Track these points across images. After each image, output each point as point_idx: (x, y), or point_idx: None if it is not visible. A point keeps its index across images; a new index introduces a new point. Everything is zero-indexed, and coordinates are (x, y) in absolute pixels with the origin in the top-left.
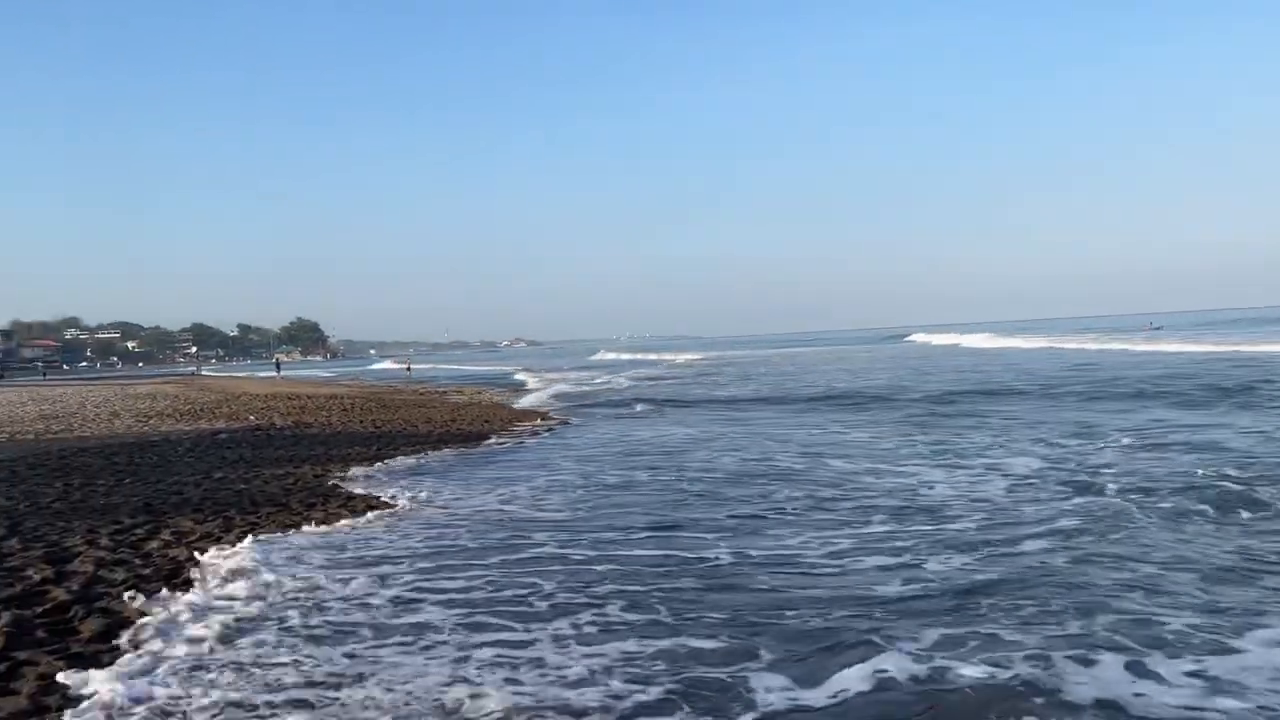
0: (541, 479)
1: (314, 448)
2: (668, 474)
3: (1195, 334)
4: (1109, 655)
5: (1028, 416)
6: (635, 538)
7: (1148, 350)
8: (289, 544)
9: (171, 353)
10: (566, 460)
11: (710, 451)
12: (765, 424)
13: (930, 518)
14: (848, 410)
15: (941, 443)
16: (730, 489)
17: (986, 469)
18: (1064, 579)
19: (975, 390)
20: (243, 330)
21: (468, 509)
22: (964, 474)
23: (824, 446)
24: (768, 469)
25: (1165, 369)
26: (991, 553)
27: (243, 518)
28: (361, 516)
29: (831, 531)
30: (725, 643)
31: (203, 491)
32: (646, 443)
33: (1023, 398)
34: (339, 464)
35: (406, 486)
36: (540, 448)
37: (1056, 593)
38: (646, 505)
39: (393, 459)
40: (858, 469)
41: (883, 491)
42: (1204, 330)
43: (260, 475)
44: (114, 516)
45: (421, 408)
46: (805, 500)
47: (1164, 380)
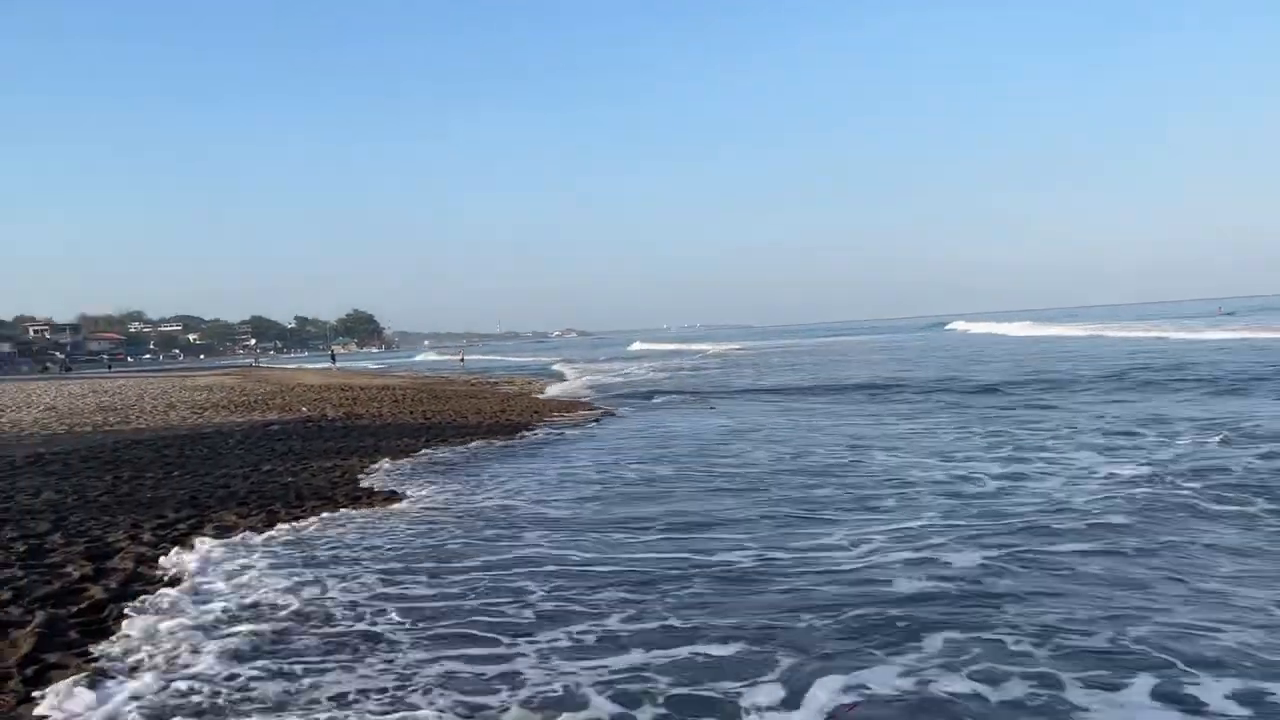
0: (583, 471)
1: (363, 439)
2: (702, 467)
3: (1267, 320)
4: (1142, 676)
5: (1090, 408)
6: (649, 539)
7: (1214, 338)
8: (275, 539)
9: (231, 345)
10: (604, 452)
11: (747, 444)
12: (806, 414)
13: (979, 515)
14: (895, 401)
15: (998, 434)
16: (764, 484)
17: (1046, 463)
18: (1109, 585)
19: (1032, 380)
20: (300, 322)
21: (482, 503)
22: (1021, 467)
23: (873, 439)
24: (808, 464)
25: (1230, 355)
26: (1034, 553)
27: (287, 511)
28: (379, 508)
29: (870, 530)
30: (727, 654)
31: (250, 484)
32: (687, 435)
33: (1085, 387)
34: (387, 455)
35: (441, 479)
36: (584, 439)
37: (1096, 600)
38: (680, 500)
39: (437, 449)
40: (904, 463)
41: (931, 487)
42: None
43: (309, 468)
44: (159, 510)
45: (472, 399)
46: (845, 497)
47: (1235, 368)
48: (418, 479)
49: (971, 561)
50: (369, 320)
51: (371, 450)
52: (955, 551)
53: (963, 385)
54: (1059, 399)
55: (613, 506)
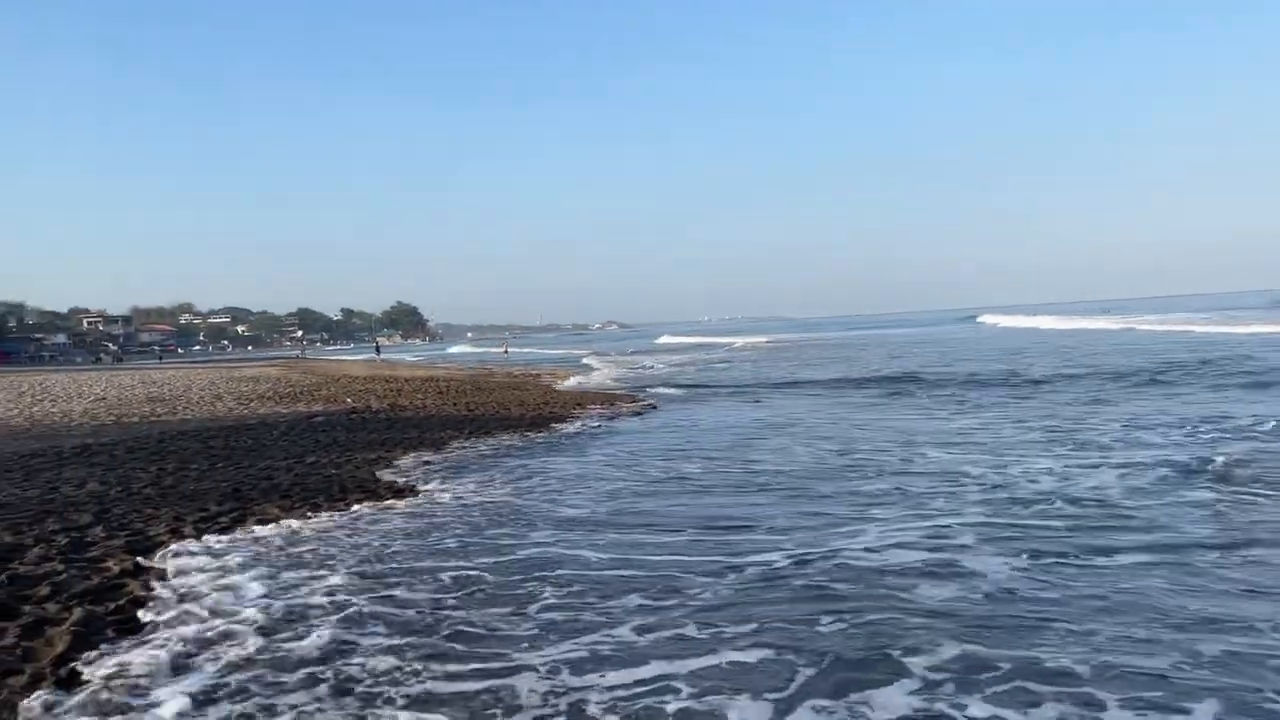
0: (621, 465)
1: (407, 431)
2: (738, 463)
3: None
4: (1208, 702)
5: (1147, 403)
6: (680, 539)
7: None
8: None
9: (279, 336)
10: (642, 447)
11: (786, 438)
12: (849, 409)
13: (1033, 516)
14: (942, 396)
15: (1055, 430)
16: (807, 482)
17: (1105, 462)
18: (1174, 597)
19: (1085, 373)
20: (345, 314)
21: (516, 500)
22: (1079, 466)
23: (925, 434)
24: (855, 461)
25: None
26: (1090, 560)
27: (330, 504)
28: (418, 500)
29: (911, 530)
30: (738, 670)
31: (293, 477)
32: (726, 429)
33: (1136, 381)
34: (431, 447)
35: (483, 473)
36: (625, 432)
37: (1156, 615)
38: (708, 497)
39: (481, 441)
40: (957, 459)
41: (985, 487)
42: None
43: (352, 460)
44: (202, 503)
45: (515, 390)
46: (893, 494)
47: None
48: (461, 474)
49: (1021, 567)
50: (413, 312)
51: (415, 442)
52: (1004, 556)
53: (1015, 379)
54: (1112, 393)
55: (641, 500)
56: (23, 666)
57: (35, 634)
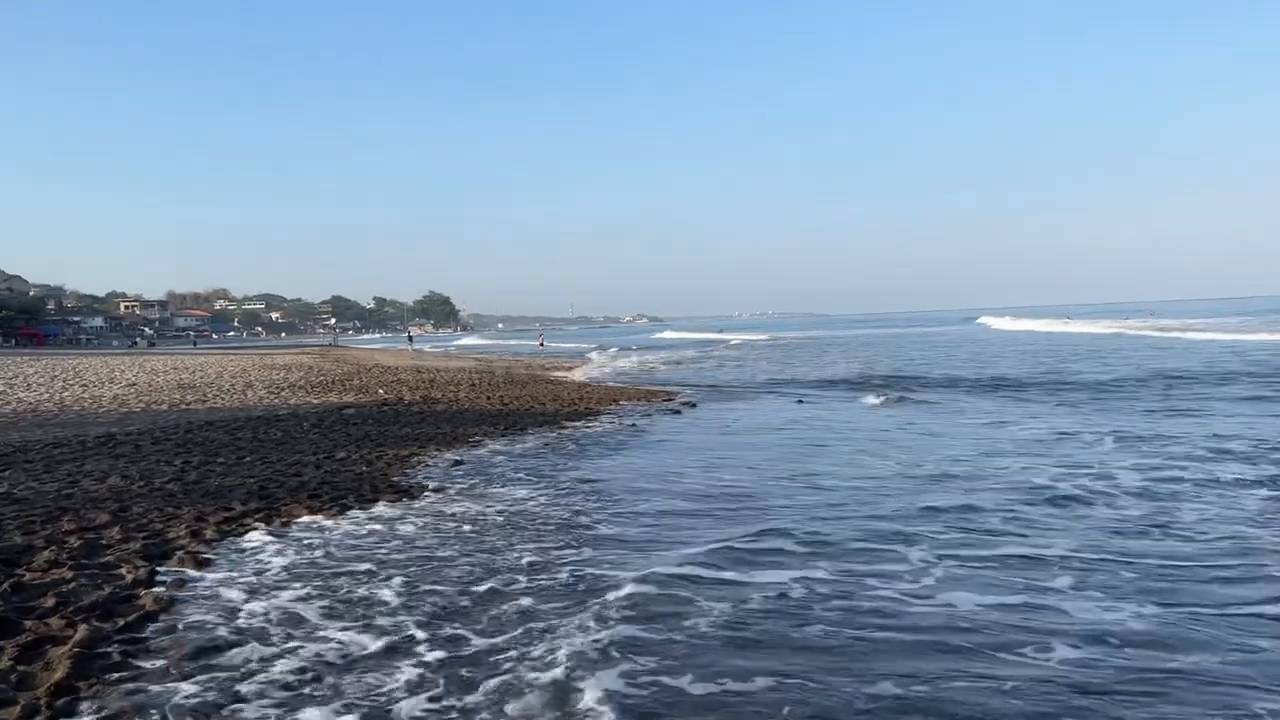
0: (662, 477)
1: (440, 425)
2: (773, 468)
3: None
4: None
5: (1227, 407)
6: (690, 552)
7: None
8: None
9: (311, 324)
10: (677, 450)
11: (831, 449)
12: (917, 412)
13: (1115, 540)
14: (1009, 399)
15: (1132, 439)
16: (870, 493)
17: (1202, 483)
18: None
19: (1152, 376)
20: (378, 303)
21: (535, 508)
22: (1174, 488)
23: (1006, 444)
24: (924, 473)
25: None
26: (1203, 612)
27: (361, 505)
28: (455, 501)
29: (968, 561)
30: None
31: (322, 474)
32: (768, 429)
33: (1218, 384)
34: (464, 445)
35: (521, 473)
36: (660, 433)
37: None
38: (729, 507)
39: (517, 439)
40: (1040, 472)
41: (1081, 510)
42: None
43: (384, 456)
44: (225, 501)
45: (549, 384)
46: (946, 512)
47: None
48: (495, 476)
49: (1125, 618)
50: (445, 302)
51: (449, 438)
52: (1100, 608)
53: (1068, 383)
54: (1182, 400)
55: (666, 516)
56: (16, 696)
57: (34, 656)
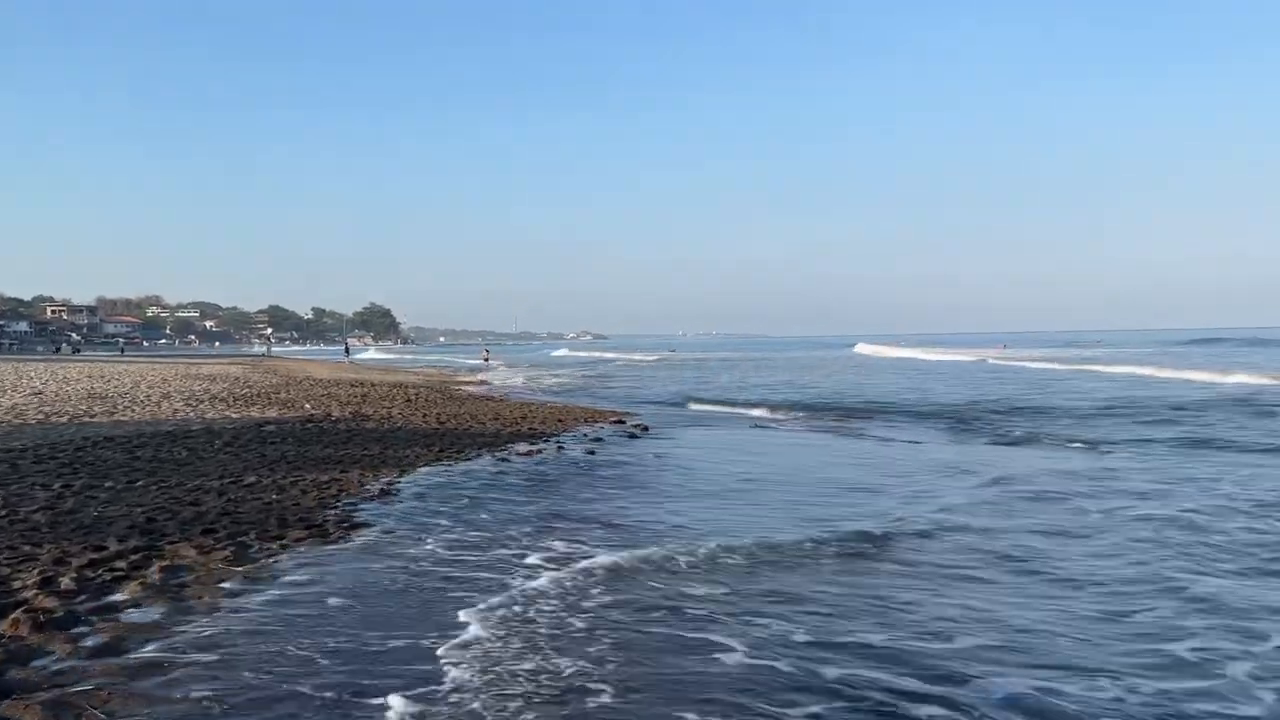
0: (610, 510)
1: (368, 445)
2: (762, 495)
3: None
4: None
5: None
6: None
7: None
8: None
9: (248, 333)
10: (638, 482)
11: (810, 475)
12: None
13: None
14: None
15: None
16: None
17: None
18: None
19: (1111, 410)
20: (317, 314)
21: (465, 555)
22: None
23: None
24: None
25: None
26: None
27: (262, 544)
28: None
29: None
30: None
31: (225, 502)
32: (734, 453)
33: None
34: (393, 467)
35: (458, 510)
36: (615, 457)
37: None
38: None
39: (454, 463)
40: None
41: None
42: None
43: (300, 481)
44: (101, 538)
45: (489, 401)
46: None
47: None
48: (424, 510)
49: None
50: (386, 315)
51: (376, 461)
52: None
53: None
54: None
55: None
56: None
57: None
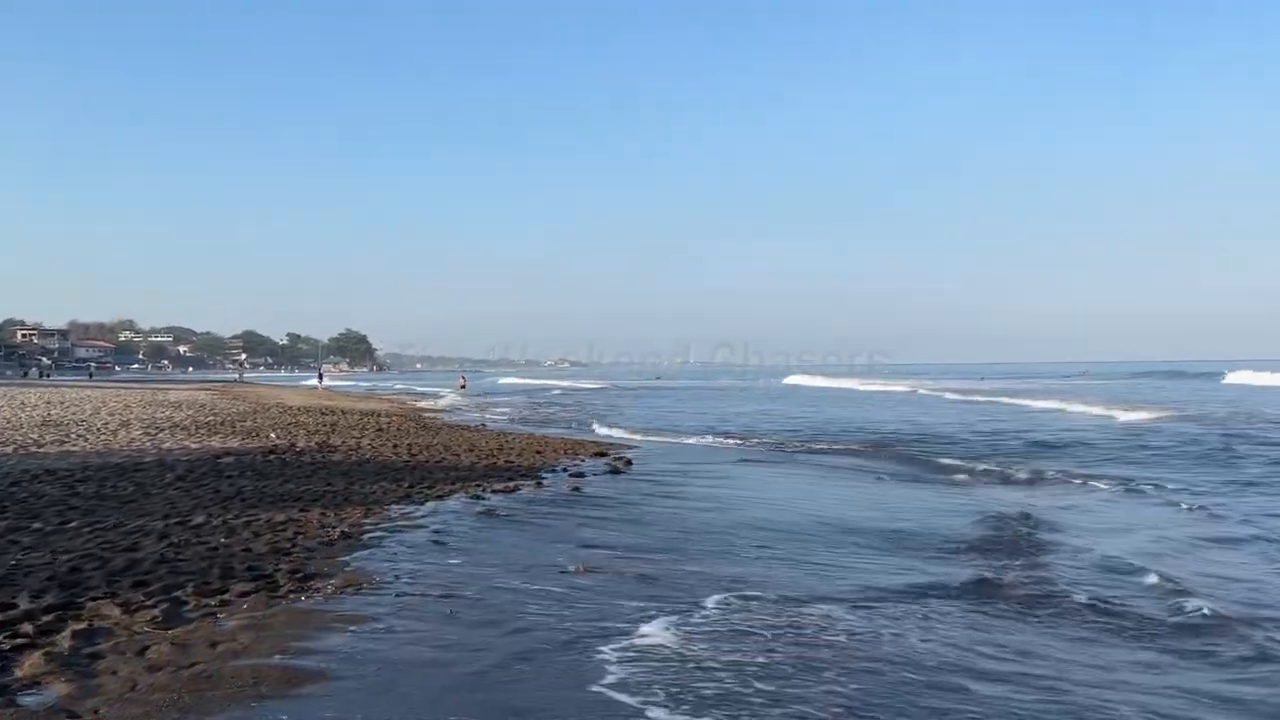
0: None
1: (332, 480)
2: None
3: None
4: None
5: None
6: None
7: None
8: None
9: (222, 359)
10: (641, 532)
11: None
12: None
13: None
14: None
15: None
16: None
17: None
18: None
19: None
20: (292, 339)
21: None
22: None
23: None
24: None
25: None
26: None
27: (199, 601)
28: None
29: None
30: None
31: (165, 547)
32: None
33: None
34: (358, 506)
35: (423, 559)
36: (605, 500)
37: None
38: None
39: (421, 504)
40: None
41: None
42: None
43: (255, 522)
44: (12, 593)
45: (464, 431)
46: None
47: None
48: (387, 554)
49: None
50: (362, 341)
51: (340, 498)
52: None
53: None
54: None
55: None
56: None
57: None
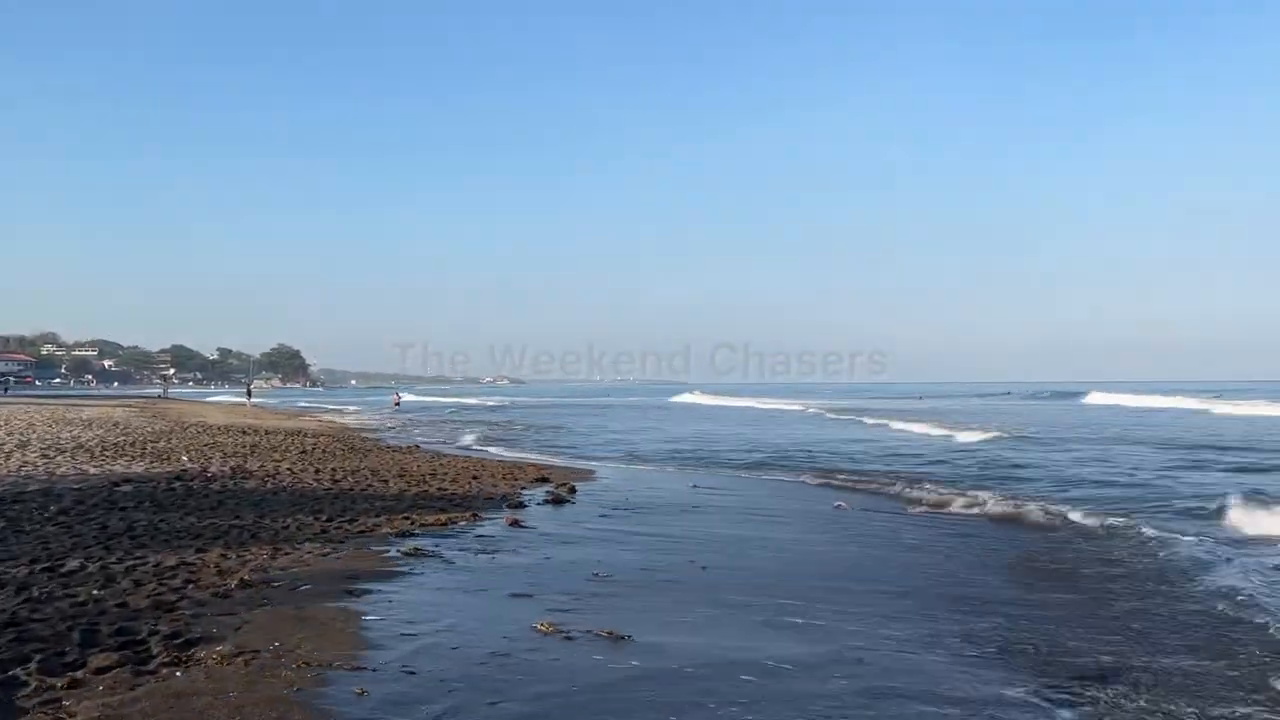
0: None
1: (241, 512)
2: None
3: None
4: None
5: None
6: None
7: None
8: None
9: (149, 374)
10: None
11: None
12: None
13: None
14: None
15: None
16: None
17: None
18: None
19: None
20: (223, 354)
21: None
22: None
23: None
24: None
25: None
26: None
27: (42, 681)
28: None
29: None
30: None
31: (20, 603)
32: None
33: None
34: (265, 545)
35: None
36: (562, 534)
37: None
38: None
39: (338, 547)
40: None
41: None
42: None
43: (140, 566)
44: None
45: (395, 453)
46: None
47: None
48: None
49: None
50: (295, 356)
51: (247, 535)
52: None
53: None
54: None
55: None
56: None
57: None
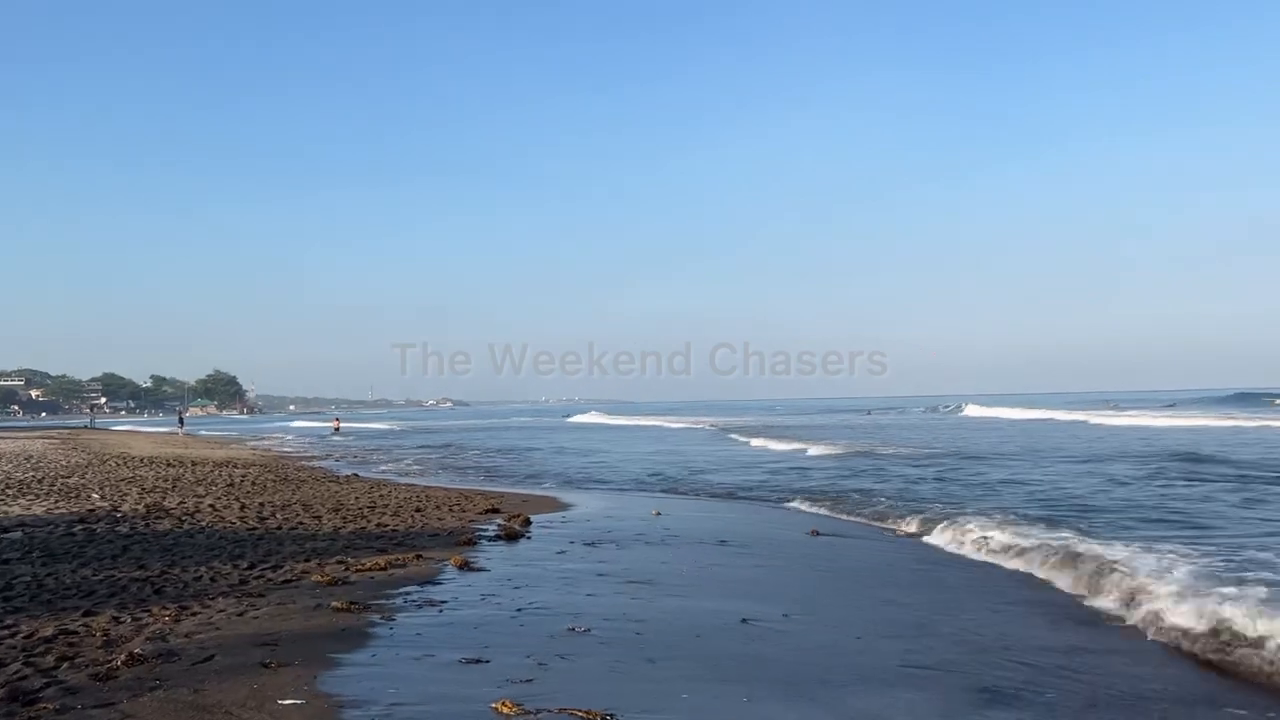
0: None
1: (147, 560)
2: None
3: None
4: None
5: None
6: None
7: None
8: None
9: (79, 403)
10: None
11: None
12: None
13: None
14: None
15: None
16: None
17: None
18: None
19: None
20: (156, 382)
21: None
22: None
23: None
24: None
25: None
26: None
27: None
28: None
29: None
30: None
31: None
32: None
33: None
34: (170, 603)
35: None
36: (526, 579)
37: None
38: None
39: (258, 602)
40: None
41: None
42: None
43: (7, 640)
44: None
45: (331, 483)
46: None
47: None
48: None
49: None
50: (231, 382)
51: (150, 589)
52: None
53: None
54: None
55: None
56: None
57: None
